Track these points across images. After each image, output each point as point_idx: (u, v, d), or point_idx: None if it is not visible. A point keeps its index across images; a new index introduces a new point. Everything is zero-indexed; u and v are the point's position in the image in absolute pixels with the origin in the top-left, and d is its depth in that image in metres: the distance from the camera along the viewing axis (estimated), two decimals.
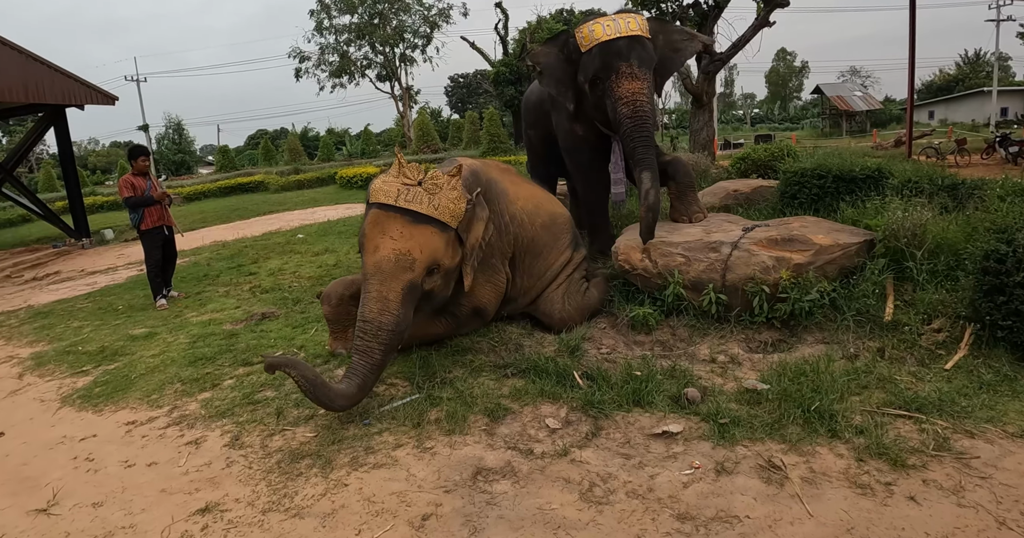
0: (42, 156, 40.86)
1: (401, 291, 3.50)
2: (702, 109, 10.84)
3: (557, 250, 4.61)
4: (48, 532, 2.84)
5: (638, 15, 4.84)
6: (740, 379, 3.61)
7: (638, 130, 4.64)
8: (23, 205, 15.93)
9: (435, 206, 3.60)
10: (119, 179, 7.21)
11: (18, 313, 7.67)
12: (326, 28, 34.18)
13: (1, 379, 5.14)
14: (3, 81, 11.51)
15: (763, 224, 4.71)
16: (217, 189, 21.74)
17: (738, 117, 60.98)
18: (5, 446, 3.83)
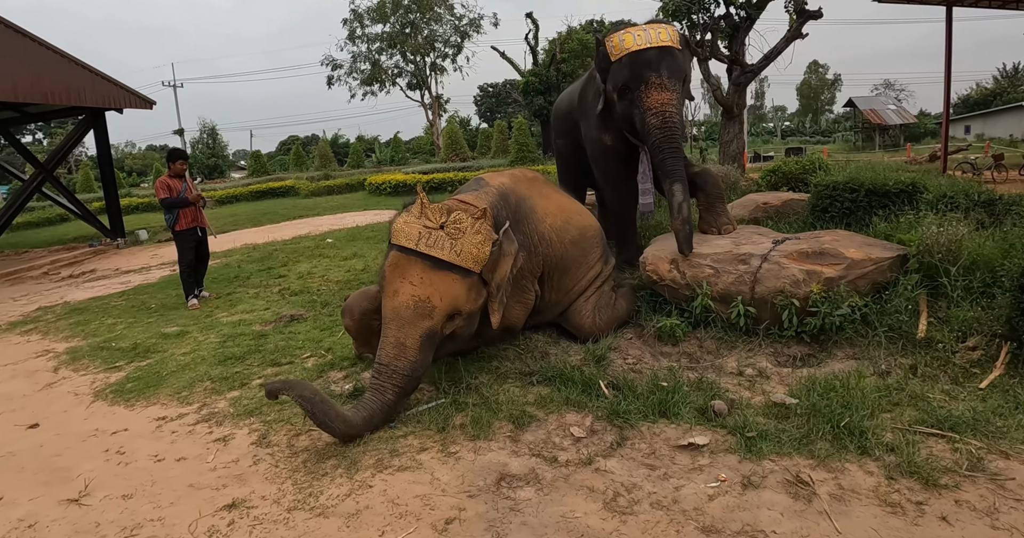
0: (81, 158, 41.92)
1: (419, 338, 3.40)
2: (732, 121, 10.78)
3: (586, 265, 4.52)
4: (79, 522, 2.91)
5: (669, 26, 4.82)
6: (768, 393, 3.57)
7: (667, 142, 4.62)
8: (62, 204, 16.38)
9: (457, 252, 3.46)
10: (155, 181, 7.39)
11: (55, 309, 7.89)
12: (358, 37, 34.65)
13: (37, 372, 5.29)
14: (47, 84, 11.88)
15: (794, 237, 4.66)
16: (249, 193, 22.14)
17: (768, 130, 60.45)
18: (39, 437, 3.94)
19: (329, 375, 4.33)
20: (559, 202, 4.59)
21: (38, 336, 6.58)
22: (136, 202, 22.53)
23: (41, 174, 13.90)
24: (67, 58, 12.32)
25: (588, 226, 4.63)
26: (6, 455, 3.70)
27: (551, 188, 4.80)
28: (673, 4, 10.04)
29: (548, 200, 4.48)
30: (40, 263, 12.81)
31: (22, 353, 5.96)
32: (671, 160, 4.62)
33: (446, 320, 3.51)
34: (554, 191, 4.76)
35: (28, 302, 8.77)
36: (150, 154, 55.84)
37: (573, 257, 4.39)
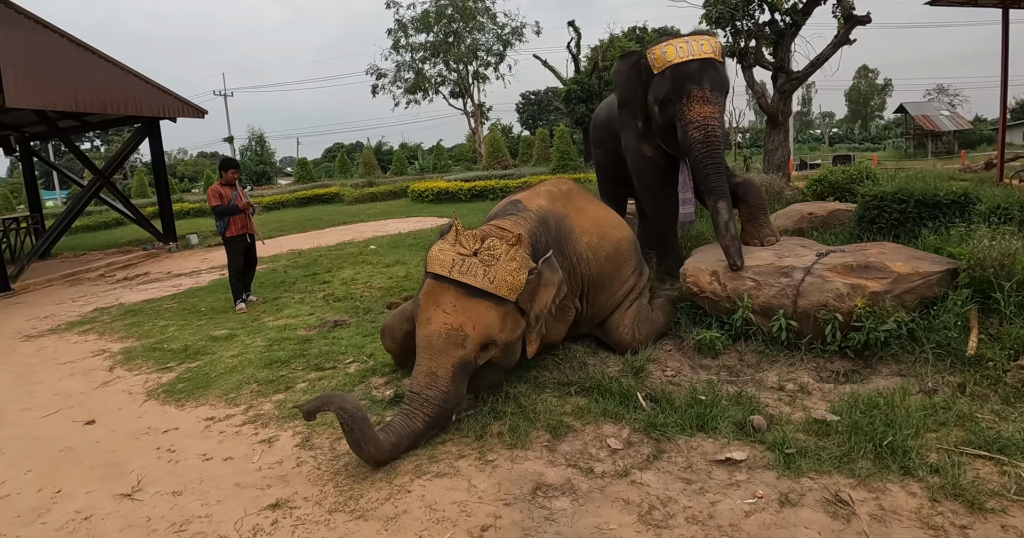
0: (136, 164, 43.49)
1: (451, 367, 3.32)
2: (777, 129, 10.59)
3: (620, 280, 4.48)
4: (131, 516, 3.04)
5: (712, 37, 4.78)
6: (809, 409, 3.51)
7: (710, 157, 4.57)
8: (118, 209, 17.03)
9: (490, 279, 3.38)
10: (207, 188, 7.65)
11: (111, 310, 8.21)
12: (402, 46, 35.29)
13: (94, 370, 5.52)
14: (107, 95, 12.41)
15: (838, 250, 4.58)
16: (295, 199, 22.65)
17: (815, 136, 59.09)
18: (96, 433, 4.12)
19: (371, 381, 4.41)
20: (595, 216, 4.53)
21: (95, 336, 6.86)
22: (187, 207, 23.29)
23: (99, 180, 14.49)
24: (125, 70, 12.86)
25: (622, 239, 4.56)
26: (65, 450, 3.89)
27: (586, 199, 4.72)
28: (716, 11, 9.94)
29: (584, 215, 4.44)
30: (97, 265, 13.34)
31: (80, 352, 6.23)
32: (714, 176, 4.58)
33: (480, 350, 3.42)
34: (589, 203, 4.69)
35: (86, 303, 9.15)
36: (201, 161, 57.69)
37: (608, 273, 4.36)
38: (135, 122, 15.01)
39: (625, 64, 5.29)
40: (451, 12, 33.82)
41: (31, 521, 3.09)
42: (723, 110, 4.73)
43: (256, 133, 45.44)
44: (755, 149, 31.33)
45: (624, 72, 5.25)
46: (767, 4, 9.80)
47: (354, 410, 3.09)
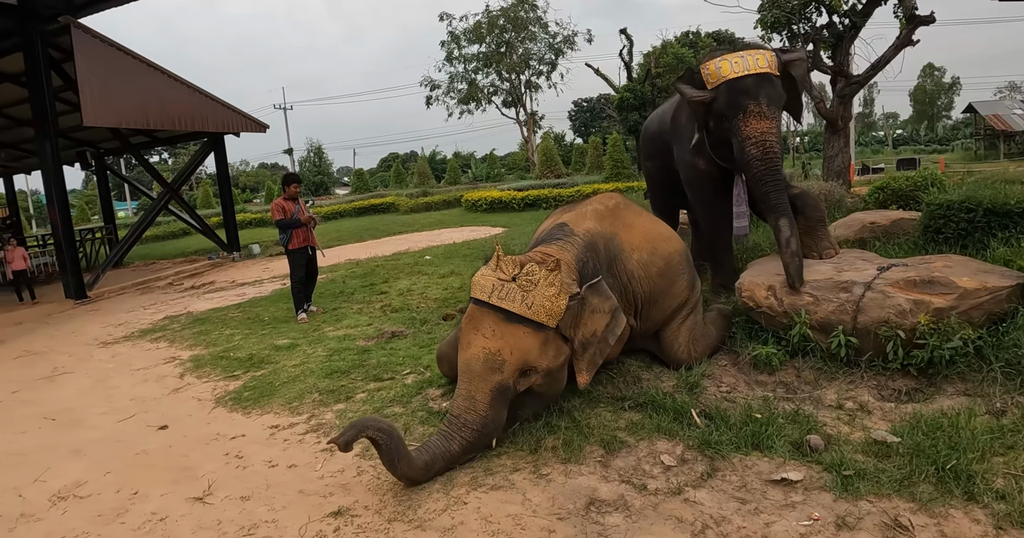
0: (201, 176, 45.28)
1: (489, 392, 3.34)
2: (837, 134, 10.30)
3: (673, 294, 4.39)
4: (202, 519, 3.20)
5: (767, 51, 4.69)
6: (868, 429, 3.43)
7: (769, 174, 4.49)
8: (184, 220, 17.81)
9: (528, 305, 3.36)
10: (272, 202, 7.96)
11: (180, 318, 8.61)
12: (455, 57, 35.79)
13: (166, 377, 5.81)
14: (175, 112, 13.06)
15: (900, 263, 4.44)
16: (352, 209, 23.22)
17: (879, 139, 57.02)
18: (168, 438, 4.34)
19: (427, 392, 4.50)
20: (644, 231, 4.43)
21: (166, 343, 7.22)
22: (249, 217, 24.16)
23: (168, 193, 15.22)
24: (192, 88, 13.50)
25: (673, 252, 4.43)
26: (140, 453, 4.12)
27: (634, 213, 4.60)
28: (772, 16, 9.76)
29: (632, 231, 4.36)
30: (166, 274, 14.00)
31: (152, 359, 6.56)
32: (774, 194, 4.48)
33: (519, 375, 3.42)
34: (637, 217, 4.58)
35: (156, 311, 9.62)
36: (262, 172, 59.71)
37: (661, 288, 4.29)
38: (201, 137, 15.72)
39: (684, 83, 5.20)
40: (503, 23, 34.12)
41: (111, 520, 3.29)
42: (780, 125, 4.65)
43: (314, 145, 46.79)
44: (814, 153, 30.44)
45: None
46: (825, 6, 9.56)
47: (388, 429, 3.14)
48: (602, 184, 19.74)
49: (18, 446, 4.51)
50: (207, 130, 14.49)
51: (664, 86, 23.12)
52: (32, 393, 5.85)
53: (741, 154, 4.61)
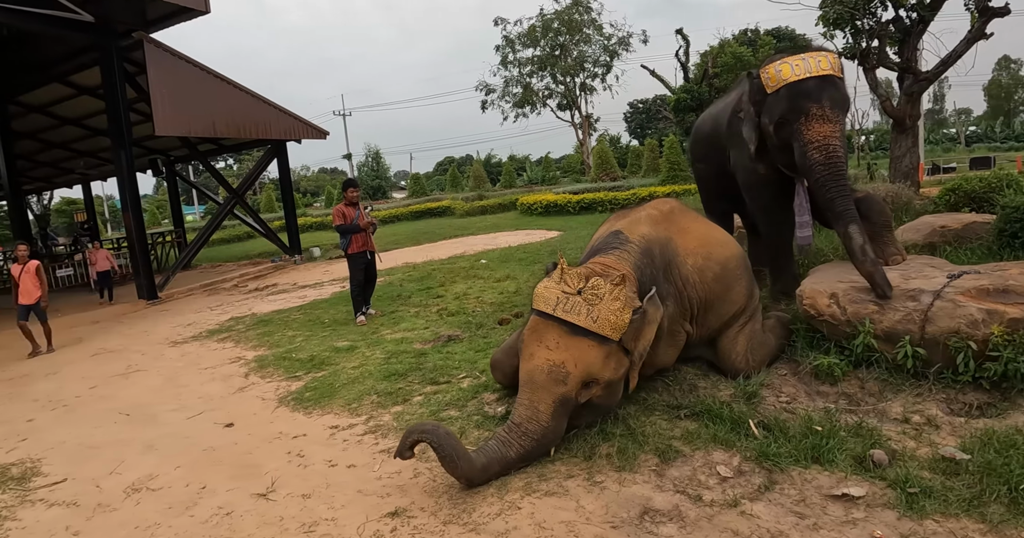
0: (264, 181, 46.81)
1: (552, 403, 3.37)
2: (904, 134, 9.87)
3: (730, 301, 4.30)
4: (266, 514, 3.32)
5: (830, 53, 4.54)
6: (936, 445, 3.29)
7: (833, 179, 4.33)
8: (249, 224, 18.49)
9: (593, 318, 3.38)
10: (333, 208, 8.21)
11: (244, 319, 8.94)
12: (510, 62, 35.96)
13: (232, 377, 6.05)
14: (240, 121, 13.60)
15: (972, 270, 4.24)
16: (409, 213, 23.63)
17: (950, 136, 54.41)
18: (234, 435, 4.51)
19: (483, 396, 4.54)
20: (699, 236, 4.38)
21: (231, 344, 7.51)
22: (310, 221, 24.87)
23: (233, 198, 15.82)
24: (256, 97, 14.02)
25: (729, 257, 4.36)
26: (208, 449, 4.30)
27: (689, 218, 4.55)
28: (834, 12, 9.43)
29: (688, 236, 4.32)
30: (231, 276, 14.55)
31: (219, 358, 6.84)
32: (840, 200, 4.32)
33: (581, 387, 3.45)
34: (693, 222, 4.53)
35: (222, 312, 10.01)
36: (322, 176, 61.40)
37: (717, 293, 4.23)
38: (265, 144, 16.29)
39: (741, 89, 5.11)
40: (557, 26, 34.12)
41: (180, 513, 3.46)
42: (844, 129, 4.49)
43: (372, 149, 47.78)
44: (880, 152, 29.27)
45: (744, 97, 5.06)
46: (891, 1, 9.21)
47: (444, 432, 3.20)
48: (658, 187, 19.50)
49: (95, 440, 4.79)
50: (270, 137, 15.02)
51: (722, 86, 22.69)
52: (108, 389, 6.19)
53: (803, 159, 4.46)
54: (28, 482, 4.13)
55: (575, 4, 34.26)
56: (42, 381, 6.86)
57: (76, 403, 5.84)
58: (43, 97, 14.93)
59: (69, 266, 15.67)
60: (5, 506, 3.81)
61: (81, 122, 16.70)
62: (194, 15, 11.97)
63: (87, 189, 23.08)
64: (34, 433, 5.10)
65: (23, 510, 3.74)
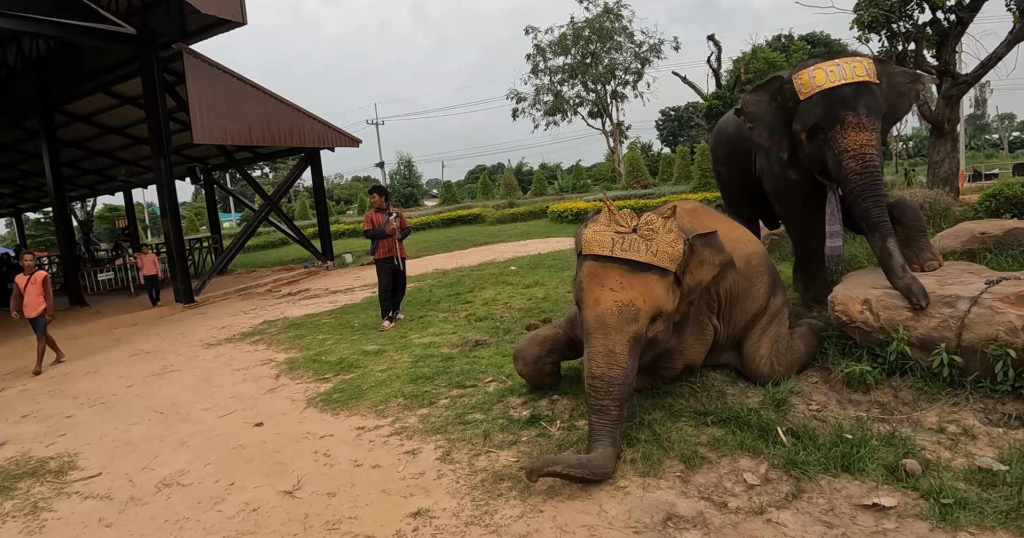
0: (298, 189, 47.59)
1: (628, 343, 3.39)
2: (943, 138, 9.62)
3: (753, 297, 4.32)
4: (292, 511, 3.38)
5: (865, 59, 4.43)
6: (973, 455, 3.19)
7: (869, 189, 4.22)
8: (283, 230, 18.80)
9: (654, 252, 3.46)
10: (364, 214, 8.36)
11: (277, 323, 9.09)
12: (541, 70, 35.96)
13: (263, 378, 6.15)
14: (276, 129, 13.88)
15: (1011, 276, 4.10)
16: (440, 220, 23.77)
17: (993, 142, 52.94)
18: (264, 434, 4.60)
19: (508, 400, 4.54)
20: (721, 231, 4.25)
21: (263, 346, 7.64)
22: (343, 228, 25.18)
23: (268, 205, 16.13)
24: (291, 107, 14.31)
25: (753, 253, 4.39)
26: (238, 447, 4.39)
27: (712, 217, 4.59)
28: (869, 15, 9.25)
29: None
30: (265, 281, 14.81)
31: (251, 360, 6.97)
32: (876, 211, 4.21)
33: (650, 322, 3.48)
34: (716, 220, 4.54)
35: (256, 315, 10.19)
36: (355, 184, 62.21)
37: (740, 288, 4.23)
38: (299, 152, 16.58)
39: (765, 93, 4.97)
40: (588, 34, 34.07)
41: (209, 508, 3.54)
42: (880, 137, 4.37)
43: (404, 158, 48.17)
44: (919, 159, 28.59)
45: (765, 102, 4.95)
46: (928, 2, 8.99)
47: (576, 463, 3.20)
48: (690, 194, 19.32)
49: (130, 436, 4.92)
50: (305, 146, 15.29)
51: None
52: (144, 388, 6.35)
53: (838, 168, 4.35)
54: (65, 475, 4.27)
55: (606, 12, 34.19)
56: (82, 379, 7.07)
57: (114, 401, 6.01)
58: (88, 107, 15.47)
59: (110, 270, 16.13)
60: (43, 497, 3.94)
61: (123, 131, 17.24)
62: (232, 27, 12.31)
63: (128, 196, 23.74)
64: (73, 428, 5.27)
65: (59, 502, 3.86)
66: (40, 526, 3.56)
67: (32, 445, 4.97)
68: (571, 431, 3.89)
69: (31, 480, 4.24)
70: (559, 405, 4.32)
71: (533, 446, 3.75)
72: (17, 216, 29.68)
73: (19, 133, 17.41)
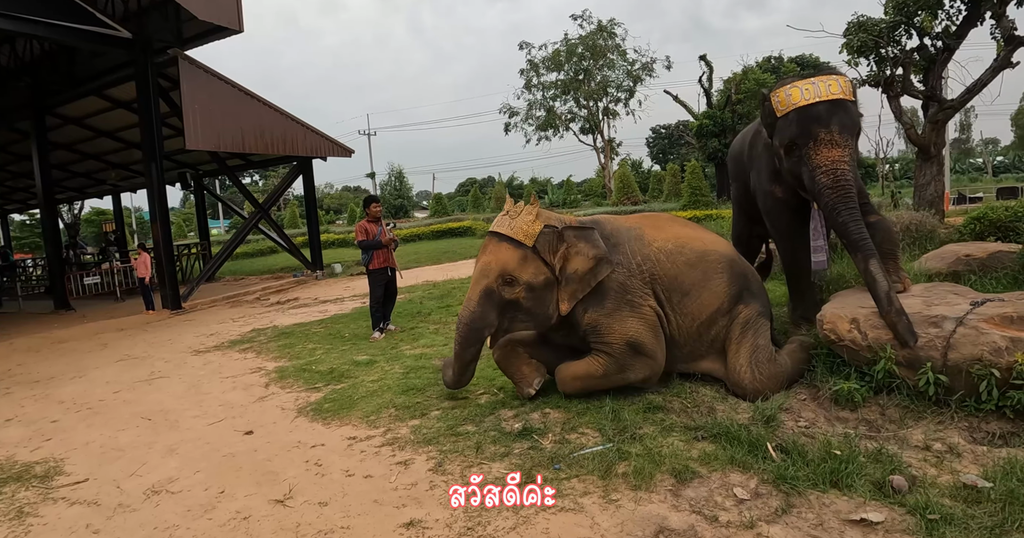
0: (288, 198, 47.47)
1: (480, 293, 4.36)
2: (929, 162, 9.80)
3: (709, 290, 4.53)
4: (283, 520, 3.36)
5: (840, 77, 4.52)
6: (958, 472, 3.24)
7: (843, 203, 4.32)
8: (273, 239, 18.75)
9: (511, 227, 4.38)
10: (356, 224, 8.34)
11: (266, 331, 9.05)
12: (534, 85, 36.26)
13: (252, 386, 6.12)
14: (269, 137, 13.90)
15: (996, 298, 4.20)
16: (430, 232, 23.79)
17: (977, 166, 53.80)
18: (254, 442, 4.57)
19: (500, 413, 4.55)
20: (676, 232, 4.77)
21: (253, 354, 7.60)
22: (332, 238, 25.14)
23: (259, 213, 16.09)
24: (285, 115, 14.34)
25: (710, 251, 4.66)
26: (228, 456, 4.36)
27: (673, 222, 5.00)
28: (858, 40, 9.44)
29: (661, 231, 4.76)
30: (253, 289, 14.74)
31: (241, 368, 6.93)
32: (853, 225, 4.29)
33: (502, 282, 4.33)
34: (674, 224, 4.95)
35: (244, 323, 10.15)
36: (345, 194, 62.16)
37: (691, 279, 4.53)
38: (291, 161, 16.59)
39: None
40: (581, 50, 34.42)
41: (199, 516, 3.51)
42: (855, 153, 4.47)
43: (396, 169, 48.26)
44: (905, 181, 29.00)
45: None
46: (915, 29, 9.21)
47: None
48: (679, 212, 19.49)
49: (118, 442, 4.88)
50: (297, 154, 15.30)
51: (745, 112, 22.74)
52: (131, 394, 6.29)
53: (812, 183, 4.47)
54: (51, 480, 4.22)
55: (599, 29, 34.58)
56: (68, 384, 6.99)
57: (100, 406, 5.95)
58: (80, 109, 15.41)
59: (96, 274, 15.99)
60: (28, 502, 3.90)
61: (115, 134, 17.17)
62: (228, 34, 12.34)
63: (117, 200, 23.61)
64: (59, 433, 5.22)
65: (45, 507, 3.82)
66: (26, 531, 3.52)
67: (17, 449, 4.92)
68: (563, 444, 3.91)
69: (16, 484, 4.19)
70: (551, 418, 4.34)
71: (525, 458, 3.76)
72: (3, 217, 29.37)
73: (10, 134, 17.28)
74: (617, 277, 4.43)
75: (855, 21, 9.54)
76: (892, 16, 9.14)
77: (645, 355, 4.39)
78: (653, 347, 4.40)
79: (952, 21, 9.01)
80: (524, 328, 4.62)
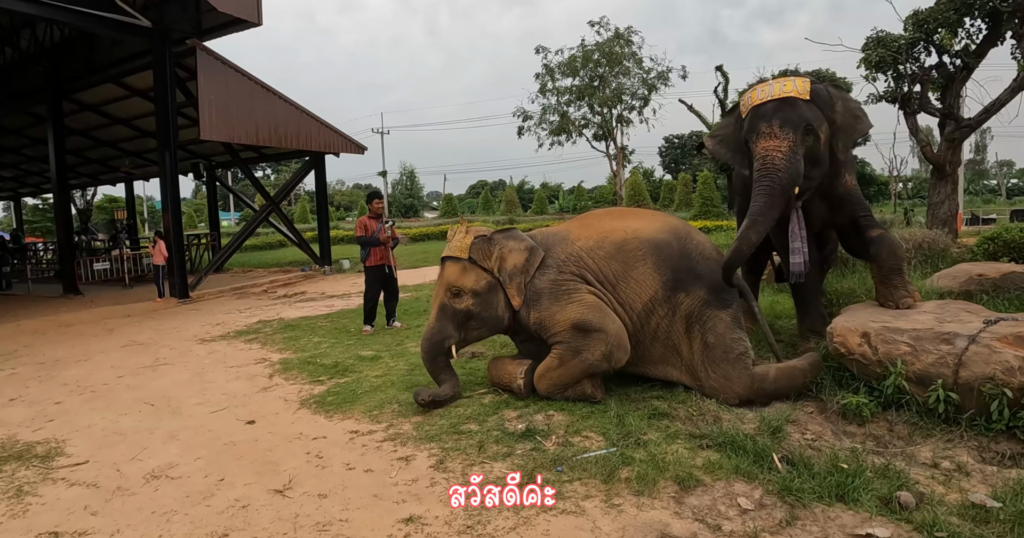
0: (299, 192, 47.63)
1: (436, 308, 4.84)
2: (944, 180, 9.75)
3: (635, 280, 4.63)
4: (282, 511, 3.35)
5: (800, 79, 4.66)
6: (966, 491, 3.19)
7: (761, 179, 4.48)
8: (283, 232, 18.78)
9: (450, 249, 4.90)
10: (357, 219, 8.37)
11: (272, 323, 9.06)
12: (549, 90, 36.15)
13: (256, 377, 6.13)
14: (283, 131, 13.93)
15: (1010, 317, 4.15)
16: (439, 232, 23.86)
17: (991, 187, 53.50)
18: (255, 432, 4.57)
19: (503, 413, 4.54)
20: (601, 227, 4.92)
21: (258, 345, 7.61)
22: (341, 234, 25.25)
23: (270, 206, 16.13)
24: (300, 110, 14.37)
25: (629, 240, 4.74)
26: (229, 444, 4.36)
27: (607, 218, 5.09)
28: (877, 55, 9.42)
29: (587, 228, 4.97)
30: (261, 282, 14.77)
31: (245, 358, 6.94)
32: (757, 197, 4.48)
33: (451, 295, 4.77)
34: (604, 219, 5.06)
35: (251, 315, 10.16)
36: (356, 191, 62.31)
37: (613, 270, 4.68)
38: (304, 155, 16.63)
39: (731, 116, 5.32)
40: (597, 57, 34.35)
41: (198, 502, 3.50)
42: (795, 145, 4.49)
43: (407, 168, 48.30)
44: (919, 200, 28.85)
45: (731, 125, 5.27)
46: (935, 46, 9.17)
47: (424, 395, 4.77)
48: (690, 222, 19.43)
49: (119, 426, 4.89)
50: (310, 149, 15.34)
51: None
52: (135, 379, 6.31)
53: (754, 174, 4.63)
54: (51, 461, 4.23)
55: (616, 37, 34.51)
56: (73, 367, 7.02)
57: (104, 390, 5.97)
58: (97, 96, 15.50)
59: (106, 261, 16.05)
60: (28, 482, 3.90)
61: (130, 122, 17.25)
62: (247, 26, 12.38)
63: (129, 188, 23.71)
64: (61, 415, 5.23)
65: (44, 487, 3.82)
66: (24, 510, 3.52)
67: (19, 429, 4.93)
68: (566, 447, 3.88)
69: (16, 463, 4.20)
70: (555, 420, 4.32)
71: (528, 459, 3.74)
72: (16, 201, 29.58)
73: (26, 118, 17.40)
74: (548, 276, 4.69)
75: (874, 36, 9.51)
76: (912, 33, 9.10)
77: (593, 331, 4.46)
78: (600, 321, 4.47)
79: (972, 40, 8.96)
80: (480, 335, 4.95)
